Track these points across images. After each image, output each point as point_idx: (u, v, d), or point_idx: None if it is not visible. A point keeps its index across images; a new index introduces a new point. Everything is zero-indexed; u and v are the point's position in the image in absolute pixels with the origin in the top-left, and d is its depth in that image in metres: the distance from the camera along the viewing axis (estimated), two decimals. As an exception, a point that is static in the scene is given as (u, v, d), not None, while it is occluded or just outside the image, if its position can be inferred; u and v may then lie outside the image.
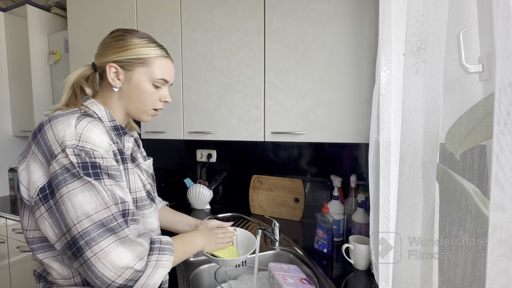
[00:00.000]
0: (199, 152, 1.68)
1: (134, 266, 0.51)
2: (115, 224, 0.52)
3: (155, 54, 0.66)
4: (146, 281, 0.53)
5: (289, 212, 1.43)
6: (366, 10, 0.97)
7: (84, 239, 0.49)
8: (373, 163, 0.81)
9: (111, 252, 0.50)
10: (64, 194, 0.50)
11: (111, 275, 0.49)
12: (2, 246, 1.67)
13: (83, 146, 0.52)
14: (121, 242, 0.51)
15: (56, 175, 0.51)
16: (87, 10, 1.62)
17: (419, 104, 0.55)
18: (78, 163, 0.51)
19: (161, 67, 0.67)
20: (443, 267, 0.48)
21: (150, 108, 0.69)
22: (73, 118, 0.55)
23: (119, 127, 0.67)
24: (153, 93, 0.67)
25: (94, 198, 0.51)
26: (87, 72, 0.68)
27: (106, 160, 0.55)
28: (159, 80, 0.67)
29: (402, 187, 0.60)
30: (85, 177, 0.51)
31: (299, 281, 0.83)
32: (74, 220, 0.50)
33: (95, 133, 0.55)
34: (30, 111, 1.87)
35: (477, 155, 0.42)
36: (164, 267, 0.56)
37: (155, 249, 0.56)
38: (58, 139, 0.52)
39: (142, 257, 0.53)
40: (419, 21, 0.55)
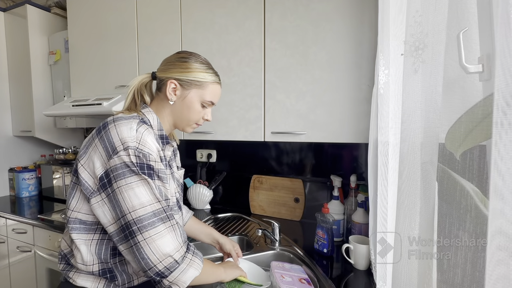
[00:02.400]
0: (199, 152, 1.68)
1: (174, 255, 0.59)
2: (164, 216, 0.61)
3: (211, 80, 0.74)
4: (179, 275, 0.60)
5: (289, 212, 1.43)
6: (366, 10, 0.97)
7: (138, 225, 0.58)
8: (372, 163, 0.81)
9: (157, 240, 0.58)
10: (122, 185, 0.59)
11: (154, 259, 0.58)
12: (2, 246, 1.67)
13: (142, 149, 0.61)
14: (167, 231, 0.60)
15: (116, 168, 0.59)
16: (87, 10, 1.62)
17: (418, 104, 0.55)
18: (137, 163, 0.60)
19: (213, 91, 0.75)
20: (443, 267, 0.48)
21: (193, 123, 0.77)
22: (134, 122, 0.63)
23: (164, 136, 0.74)
24: (199, 112, 0.76)
25: (148, 192, 0.60)
26: (146, 79, 0.76)
27: (157, 163, 0.64)
28: (208, 102, 0.75)
29: (402, 187, 0.60)
30: (142, 175, 0.60)
31: (298, 280, 0.83)
32: (130, 208, 0.58)
33: (150, 139, 0.63)
34: (30, 111, 1.87)
35: (477, 155, 0.42)
36: (195, 269, 0.62)
37: (190, 250, 0.64)
38: (122, 138, 0.60)
39: (179, 250, 0.61)
40: (417, 21, 0.55)
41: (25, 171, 1.95)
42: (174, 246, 0.60)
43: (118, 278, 0.68)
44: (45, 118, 1.87)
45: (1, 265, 1.68)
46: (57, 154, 1.98)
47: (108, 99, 1.43)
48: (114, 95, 1.46)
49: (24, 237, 1.57)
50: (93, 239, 0.66)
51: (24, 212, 1.66)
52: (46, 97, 1.93)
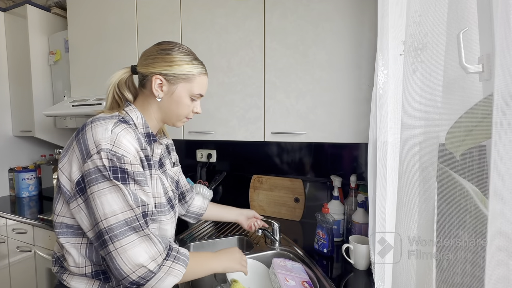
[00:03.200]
0: (199, 152, 1.68)
1: (148, 265, 0.56)
2: (137, 224, 0.58)
3: (198, 71, 0.72)
4: (156, 283, 0.58)
5: (289, 212, 1.43)
6: (366, 10, 0.97)
7: (109, 234, 0.56)
8: (372, 163, 0.81)
9: (129, 250, 0.55)
10: (94, 191, 0.57)
11: (127, 270, 0.55)
12: (2, 246, 1.67)
13: (116, 152, 0.58)
14: (139, 241, 0.57)
15: (89, 173, 0.57)
16: (87, 10, 1.62)
17: (418, 104, 0.55)
18: (110, 167, 0.57)
19: (200, 83, 0.73)
20: (442, 267, 0.48)
21: (183, 117, 0.75)
22: (111, 123, 0.60)
23: (150, 134, 0.71)
24: (189, 106, 0.73)
25: (120, 199, 0.57)
26: (125, 75, 0.72)
27: (133, 166, 0.60)
28: (197, 94, 0.73)
29: (402, 187, 0.60)
30: (114, 180, 0.57)
31: (301, 283, 0.83)
32: (102, 216, 0.56)
33: (127, 139, 0.60)
34: (30, 111, 1.87)
35: (477, 155, 0.42)
36: (174, 276, 0.59)
37: (171, 256, 0.61)
38: (96, 140, 0.58)
39: (155, 258, 0.58)
40: (416, 21, 0.55)
41: (25, 171, 1.95)
42: (148, 256, 0.57)
43: (112, 279, 0.66)
44: (45, 118, 1.87)
45: (1, 265, 1.68)
46: (57, 154, 1.98)
47: (108, 99, 1.42)
48: (114, 95, 1.46)
49: (24, 237, 1.57)
50: (82, 243, 0.64)
51: (24, 212, 1.66)
52: (46, 97, 1.93)
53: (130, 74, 0.73)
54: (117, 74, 0.71)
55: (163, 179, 0.76)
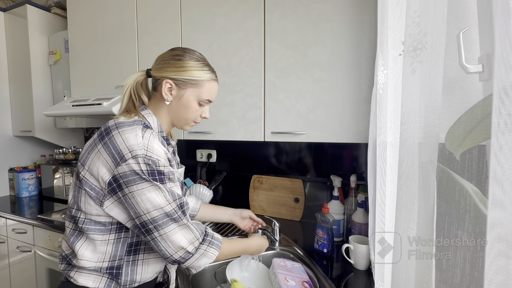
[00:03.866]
0: (199, 152, 1.68)
1: (187, 248, 0.65)
2: (176, 216, 0.65)
3: (207, 77, 0.74)
4: (193, 262, 0.67)
5: (289, 212, 1.43)
6: (366, 10, 0.97)
7: (153, 224, 0.63)
8: (372, 163, 0.81)
9: (171, 236, 0.64)
10: (134, 191, 0.62)
11: (171, 251, 0.64)
12: (2, 246, 1.67)
13: (151, 156, 0.63)
14: (179, 229, 0.65)
15: (125, 174, 0.62)
16: (87, 10, 1.62)
17: (417, 104, 0.55)
18: (147, 171, 0.62)
19: (209, 89, 0.75)
20: (442, 267, 0.48)
21: (192, 121, 0.78)
22: (138, 129, 0.65)
23: (165, 138, 0.76)
24: (197, 110, 0.76)
25: (160, 196, 0.63)
26: (141, 78, 0.75)
27: (166, 167, 0.66)
28: (205, 100, 0.76)
29: (402, 187, 0.60)
30: (153, 181, 0.63)
31: (301, 283, 0.83)
32: (144, 211, 0.63)
33: (157, 144, 0.65)
34: (30, 111, 1.87)
35: (477, 155, 0.42)
36: (208, 258, 0.68)
37: (206, 241, 0.68)
38: (129, 146, 0.62)
39: (193, 242, 0.66)
40: (415, 21, 0.55)
41: (25, 171, 1.96)
42: (187, 240, 0.65)
43: (122, 277, 0.69)
44: (45, 118, 1.87)
45: (1, 265, 1.68)
46: (57, 154, 1.98)
47: (108, 99, 1.43)
48: (114, 95, 1.46)
49: (24, 237, 1.57)
50: (109, 239, 0.68)
51: (24, 212, 1.66)
52: (46, 97, 1.94)
53: (145, 77, 0.75)
54: (134, 76, 0.74)
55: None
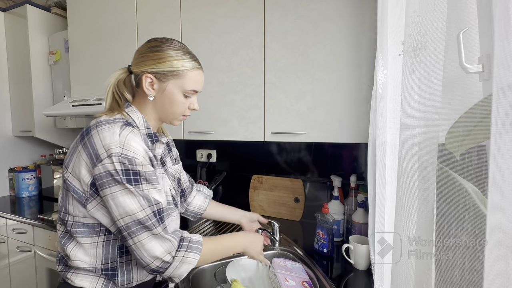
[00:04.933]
0: (199, 152, 1.68)
1: (163, 258, 0.61)
2: (150, 224, 0.61)
3: (188, 66, 0.69)
4: (173, 271, 0.63)
5: (289, 212, 1.43)
6: (366, 10, 0.97)
7: (127, 231, 0.60)
8: (372, 163, 0.81)
9: (145, 244, 0.60)
10: (107, 194, 0.60)
11: (147, 260, 0.61)
12: (2, 246, 1.67)
13: (126, 155, 0.59)
14: (154, 237, 0.61)
15: (100, 176, 0.59)
16: (87, 10, 1.62)
17: (417, 104, 0.55)
18: (122, 170, 0.59)
19: (193, 79, 0.71)
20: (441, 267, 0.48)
21: (180, 115, 0.74)
22: (117, 126, 0.61)
23: (152, 134, 0.72)
24: (183, 103, 0.72)
25: (132, 201, 0.60)
26: (123, 75, 0.72)
27: (144, 166, 0.62)
28: (190, 91, 0.71)
29: (402, 187, 0.60)
30: (126, 184, 0.59)
31: (301, 283, 0.83)
32: (117, 216, 0.60)
33: (135, 141, 0.61)
34: (30, 111, 1.87)
35: (477, 155, 0.42)
36: (189, 264, 0.64)
37: (183, 246, 0.64)
38: (105, 145, 0.59)
39: (170, 251, 0.62)
40: (415, 21, 0.55)
41: (25, 171, 1.96)
42: (163, 249, 0.61)
43: (119, 277, 0.68)
44: (45, 118, 1.87)
45: (1, 265, 1.68)
46: (57, 154, 1.98)
47: (108, 99, 1.42)
48: (114, 95, 1.46)
49: (24, 237, 1.57)
50: (98, 242, 0.66)
51: (24, 212, 1.66)
52: (46, 97, 1.93)
53: (127, 74, 0.72)
54: (115, 74, 0.71)
55: (166, 178, 0.76)
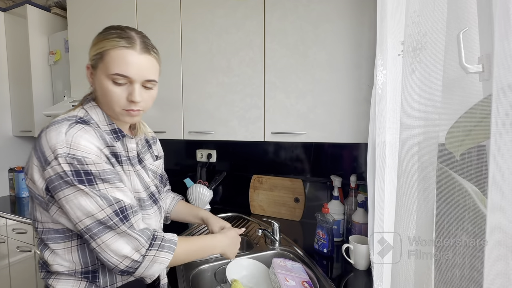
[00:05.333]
0: (199, 152, 1.68)
1: (132, 256, 0.58)
2: (112, 223, 0.57)
3: (110, 45, 0.60)
4: (144, 271, 0.60)
5: (289, 212, 1.43)
6: (366, 10, 0.97)
7: (88, 234, 0.57)
8: (372, 163, 0.81)
9: (111, 245, 0.57)
10: (61, 198, 0.56)
11: (114, 261, 0.57)
12: (2, 246, 1.67)
13: (74, 154, 0.54)
14: (119, 236, 0.58)
15: (51, 180, 0.55)
16: (87, 10, 1.62)
17: (417, 104, 0.55)
18: (71, 171, 0.54)
19: (115, 59, 0.60)
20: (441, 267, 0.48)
21: (119, 108, 0.63)
22: (64, 125, 0.56)
23: (117, 130, 0.67)
24: (116, 92, 0.62)
25: (89, 202, 0.56)
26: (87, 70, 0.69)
27: (98, 165, 0.57)
28: (113, 75, 0.60)
29: (401, 187, 0.60)
30: (78, 185, 0.55)
31: (301, 283, 0.83)
32: (75, 219, 0.56)
33: (85, 139, 0.56)
34: (30, 111, 1.88)
35: (477, 155, 0.42)
36: (161, 263, 0.61)
37: (155, 245, 0.61)
38: (51, 146, 0.54)
39: (139, 249, 0.59)
40: (414, 21, 0.55)
41: (25, 171, 1.95)
42: (131, 247, 0.58)
43: (101, 279, 0.65)
44: (45, 118, 1.87)
45: (1, 265, 1.68)
46: (57, 154, 1.97)
47: (108, 99, 1.42)
48: (114, 95, 1.46)
49: (24, 237, 1.57)
50: (72, 246, 0.63)
51: (24, 212, 1.66)
52: (46, 97, 1.93)
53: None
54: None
55: (143, 174, 0.73)
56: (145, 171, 0.75)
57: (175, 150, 1.77)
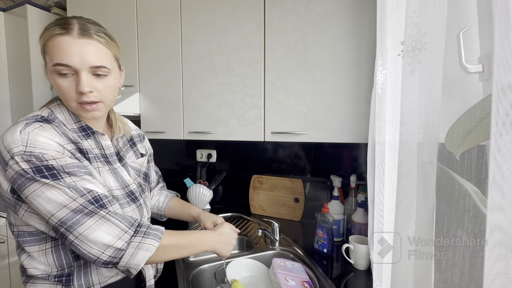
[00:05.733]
0: (199, 152, 1.68)
1: (115, 244, 0.55)
2: (87, 211, 0.55)
3: (47, 35, 0.58)
4: (129, 259, 0.56)
5: (289, 212, 1.43)
6: (366, 10, 0.97)
7: (63, 227, 0.54)
8: (372, 163, 0.81)
9: (89, 235, 0.54)
10: (28, 195, 0.53)
11: (95, 252, 0.54)
12: (2, 246, 1.67)
13: (31, 151, 0.53)
14: (97, 225, 0.55)
15: (14, 180, 0.53)
16: (87, 10, 1.62)
17: (417, 104, 0.55)
18: (31, 168, 0.53)
19: (52, 49, 0.57)
20: (441, 267, 0.48)
21: (73, 104, 0.61)
22: (20, 125, 0.55)
23: (85, 127, 0.65)
24: (63, 85, 0.59)
25: (58, 194, 0.53)
26: None
27: (59, 160, 0.55)
28: (54, 66, 0.57)
29: (402, 187, 0.60)
30: (42, 179, 0.53)
31: (301, 283, 0.83)
32: (47, 214, 0.54)
33: (42, 136, 0.55)
34: (30, 111, 1.86)
35: (477, 155, 0.42)
36: (146, 250, 0.58)
37: (140, 232, 0.59)
38: (6, 146, 0.53)
39: (121, 236, 0.56)
40: (414, 22, 0.55)
41: (25, 171, 1.95)
42: (112, 235, 0.55)
43: (75, 283, 0.63)
44: (45, 118, 1.87)
45: (1, 265, 1.68)
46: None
47: (108, 99, 1.42)
48: (114, 95, 1.46)
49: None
50: (46, 248, 0.61)
51: (24, 212, 1.66)
52: (46, 97, 1.93)
53: None
54: None
55: (122, 172, 0.71)
56: (126, 169, 0.73)
57: (175, 150, 1.77)
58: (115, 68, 0.65)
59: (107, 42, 0.62)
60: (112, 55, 0.64)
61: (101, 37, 0.60)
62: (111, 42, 0.64)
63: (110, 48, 0.63)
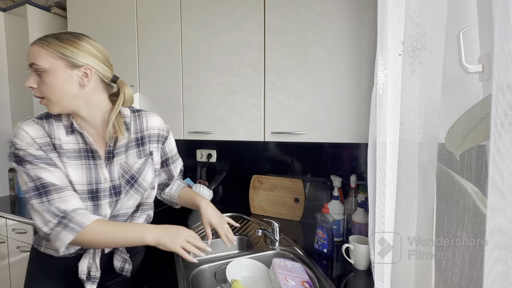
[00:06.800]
0: (199, 152, 1.68)
1: (42, 228, 0.69)
2: (29, 196, 0.69)
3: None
4: (53, 241, 0.69)
5: (289, 212, 1.43)
6: (366, 10, 0.97)
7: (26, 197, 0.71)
8: (372, 163, 0.81)
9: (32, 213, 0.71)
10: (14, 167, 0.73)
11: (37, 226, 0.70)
12: (2, 246, 1.67)
13: (13, 141, 0.71)
14: (33, 209, 0.70)
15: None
16: (87, 10, 1.62)
17: (417, 104, 0.55)
18: (11, 153, 0.71)
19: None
20: (441, 267, 0.48)
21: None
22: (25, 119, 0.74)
23: (69, 124, 0.76)
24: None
25: (19, 176, 0.72)
26: None
27: (24, 151, 0.70)
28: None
29: (402, 187, 0.60)
30: (16, 163, 0.71)
31: (301, 283, 0.83)
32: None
33: (24, 130, 0.71)
34: (30, 111, 1.87)
35: (476, 155, 0.42)
36: (61, 240, 0.68)
37: (61, 224, 0.69)
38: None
39: (46, 224, 0.69)
40: (414, 22, 0.55)
41: (25, 171, 1.95)
42: (40, 221, 0.69)
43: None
44: (45, 118, 1.87)
45: (1, 265, 1.68)
46: (57, 154, 1.97)
47: (108, 99, 1.42)
48: (114, 95, 1.46)
49: (24, 237, 1.57)
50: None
51: (24, 212, 1.66)
52: (46, 97, 1.93)
53: None
54: None
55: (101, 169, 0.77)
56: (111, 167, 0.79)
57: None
58: (59, 66, 0.70)
59: (46, 43, 0.70)
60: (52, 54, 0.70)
61: (41, 40, 0.71)
62: (51, 42, 0.70)
63: (48, 47, 0.70)
